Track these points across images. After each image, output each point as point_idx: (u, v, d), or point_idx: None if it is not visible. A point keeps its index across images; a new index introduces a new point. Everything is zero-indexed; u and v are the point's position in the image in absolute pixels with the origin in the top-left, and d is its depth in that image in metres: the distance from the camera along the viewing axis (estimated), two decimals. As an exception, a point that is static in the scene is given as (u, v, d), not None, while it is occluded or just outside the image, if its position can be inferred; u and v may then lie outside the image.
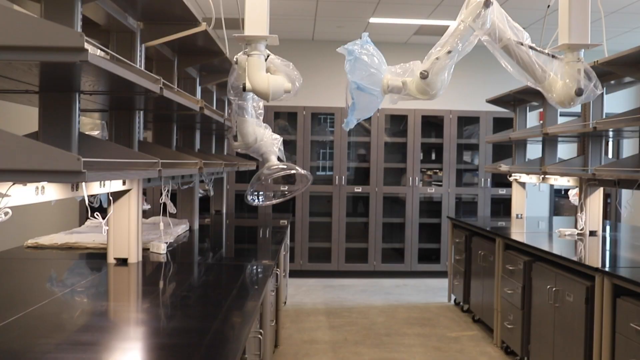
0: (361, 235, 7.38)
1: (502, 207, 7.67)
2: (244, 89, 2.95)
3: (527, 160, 5.59)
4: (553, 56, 3.00)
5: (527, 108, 5.59)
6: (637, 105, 7.66)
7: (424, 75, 2.76)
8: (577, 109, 6.63)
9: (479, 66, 8.03)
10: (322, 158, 7.70)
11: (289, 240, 5.72)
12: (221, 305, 2.26)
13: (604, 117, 4.09)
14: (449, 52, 2.77)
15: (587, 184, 3.98)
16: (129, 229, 2.89)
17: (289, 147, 7.20)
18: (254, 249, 4.15)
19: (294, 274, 6.99)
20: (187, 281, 2.86)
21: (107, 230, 2.85)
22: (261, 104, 3.71)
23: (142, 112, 2.79)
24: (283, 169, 3.56)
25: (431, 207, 7.59)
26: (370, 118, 7.20)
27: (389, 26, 6.96)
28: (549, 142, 4.84)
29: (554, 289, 3.25)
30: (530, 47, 2.96)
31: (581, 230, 4.06)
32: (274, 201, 3.79)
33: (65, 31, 1.40)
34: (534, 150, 5.82)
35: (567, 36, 2.92)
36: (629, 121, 3.28)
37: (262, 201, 3.72)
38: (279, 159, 3.66)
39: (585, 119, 4.09)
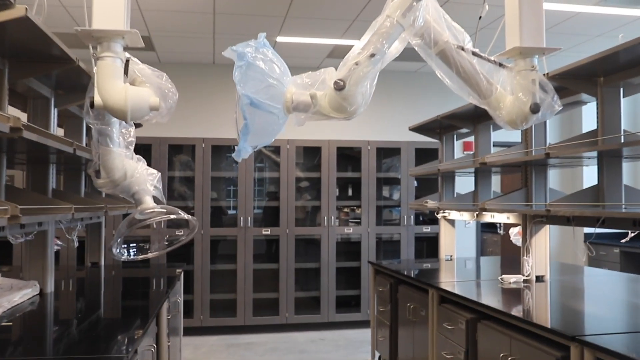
0: (271, 283, 6.60)
1: (425, 245, 7.18)
2: (92, 105, 2.17)
3: (456, 194, 5.08)
4: (500, 64, 2.44)
5: (455, 136, 5.12)
6: (565, 133, 7.47)
7: (339, 86, 2.10)
8: (508, 136, 6.33)
9: (400, 91, 7.64)
10: (227, 196, 6.91)
11: (182, 293, 4.87)
12: None
13: (547, 143, 3.62)
14: (372, 55, 2.13)
15: (533, 222, 3.46)
16: None
17: (191, 184, 6.39)
18: (129, 312, 3.28)
19: (192, 331, 6.12)
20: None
21: None
22: (132, 130, 2.94)
23: None
24: (161, 213, 2.78)
25: (349, 248, 6.95)
26: (279, 150, 6.54)
27: (299, 47, 6.38)
28: (483, 173, 4.34)
29: (509, 358, 2.63)
30: (474, 54, 2.38)
31: (527, 275, 3.52)
32: (150, 255, 2.97)
33: None
34: (461, 184, 5.34)
35: (518, 38, 2.37)
36: (588, 146, 2.78)
37: (134, 255, 2.91)
38: (156, 200, 2.89)
39: (527, 146, 3.59)
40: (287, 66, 2.23)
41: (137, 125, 4.47)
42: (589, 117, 7.10)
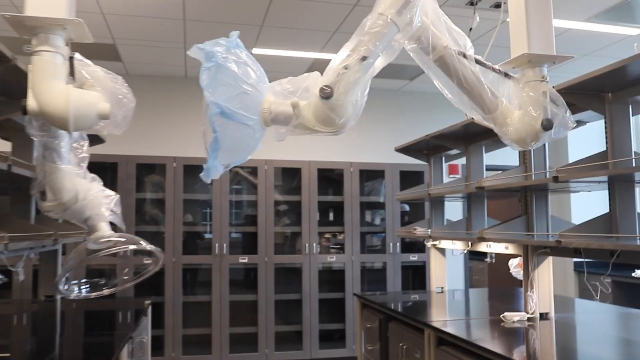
0: (249, 316, 6.22)
1: (412, 274, 6.89)
2: (24, 111, 1.85)
3: (446, 221, 4.81)
4: (506, 74, 2.18)
5: (443, 158, 4.86)
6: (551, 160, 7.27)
7: (326, 93, 1.81)
8: (496, 159, 6.09)
9: (382, 110, 7.42)
10: (203, 220, 6.56)
11: (150, 329, 4.51)
12: None
13: (547, 167, 3.37)
14: (364, 58, 1.85)
15: (537, 253, 3.18)
16: None
17: (163, 207, 6.04)
18: (85, 357, 2.92)
19: (162, 370, 5.72)
20: None
21: None
22: (86, 144, 2.61)
23: None
24: (118, 243, 2.45)
25: (332, 277, 6.63)
26: (256, 171, 6.24)
27: (277, 60, 6.13)
28: (477, 199, 4.08)
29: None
30: (477, 62, 2.13)
31: (532, 313, 3.24)
32: (107, 291, 2.62)
33: None
34: (449, 209, 5.06)
35: (526, 44, 2.12)
36: (599, 169, 2.53)
37: (87, 292, 2.56)
38: (113, 227, 2.56)
39: (526, 169, 3.34)
40: (264, 78, 1.95)
41: (100, 141, 4.17)
42: (575, 140, 6.92)
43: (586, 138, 6.55)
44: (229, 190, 6.25)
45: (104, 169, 6.04)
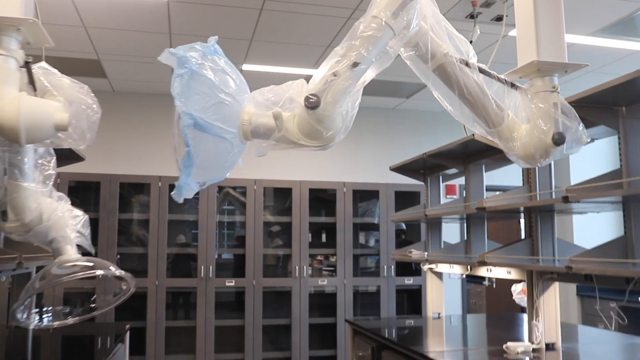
0: (235, 342, 5.97)
1: (407, 297, 6.67)
2: (-32, 122, 1.65)
3: (443, 243, 4.61)
4: (512, 85, 1.99)
5: (440, 177, 4.68)
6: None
7: (312, 103, 1.62)
8: (494, 178, 5.91)
9: (377, 129, 7.24)
10: (188, 242, 6.32)
11: (128, 356, 4.28)
12: None
13: (553, 187, 3.19)
14: (355, 64, 1.67)
15: (543, 279, 2.98)
16: None
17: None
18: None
19: (143, 400, 5.46)
20: None
21: None
22: (53, 161, 2.41)
23: None
24: (85, 269, 2.24)
25: (323, 301, 6.39)
26: (245, 191, 6.03)
27: (267, 77, 5.96)
28: (476, 220, 3.89)
29: None
30: (481, 70, 1.94)
31: (537, 343, 3.02)
32: (71, 320, 2.40)
33: None
34: (446, 230, 4.87)
35: (535, 51, 1.94)
36: (610, 188, 2.34)
37: (49, 321, 2.34)
38: (81, 250, 2.34)
39: (531, 189, 3.15)
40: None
41: (79, 158, 3.97)
42: (577, 158, 6.75)
43: (589, 156, 6.41)
44: (219, 211, 6.05)
45: (83, 190, 5.83)
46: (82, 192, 5.96)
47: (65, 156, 3.81)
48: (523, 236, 3.37)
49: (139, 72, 5.89)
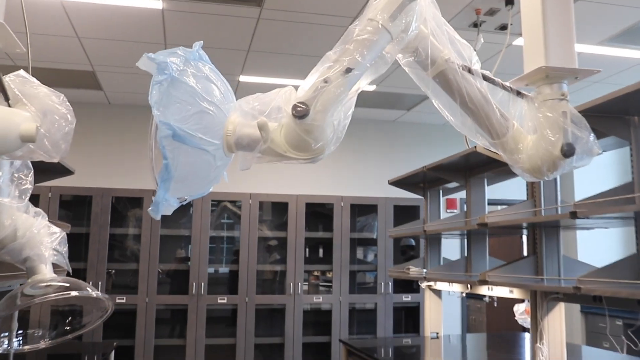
0: (227, 361, 5.82)
1: (404, 315, 6.51)
2: None
3: (442, 259, 4.47)
4: (518, 93, 1.87)
5: (441, 192, 4.55)
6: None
7: (300, 112, 1.49)
8: (494, 193, 5.78)
9: (376, 142, 7.10)
10: (182, 257, 6.17)
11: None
12: None
13: (558, 201, 3.05)
14: (348, 70, 1.54)
15: (548, 299, 2.84)
16: None
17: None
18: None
19: (130, 423, 5.28)
20: None
21: None
22: (31, 175, 2.27)
23: None
24: (59, 289, 2.09)
25: (319, 318, 6.23)
26: (240, 205, 5.89)
27: (266, 89, 5.77)
28: (477, 236, 3.75)
29: None
30: (484, 77, 1.82)
31: (542, 368, 2.88)
32: (43, 344, 2.25)
33: None
34: (445, 246, 4.73)
35: (543, 56, 1.81)
36: (621, 203, 2.21)
37: (19, 345, 2.20)
38: (57, 269, 2.21)
39: (535, 203, 3.02)
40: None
41: (68, 172, 3.84)
42: (581, 171, 6.63)
43: (594, 168, 6.27)
44: (214, 225, 5.92)
45: (80, 203, 5.70)
46: (75, 206, 5.83)
47: (56, 170, 3.69)
48: (526, 253, 3.24)
49: (135, 84, 5.77)
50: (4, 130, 1.52)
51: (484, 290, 3.50)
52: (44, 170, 3.70)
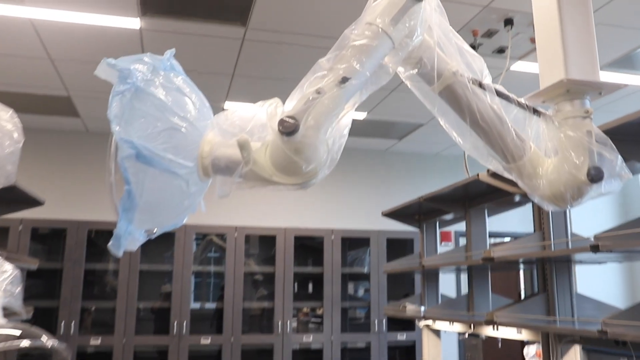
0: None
1: (398, 354, 6.23)
2: None
3: (441, 296, 4.23)
4: (535, 110, 1.66)
5: (437, 224, 4.33)
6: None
7: (288, 127, 1.27)
8: (490, 224, 5.56)
9: (367, 173, 6.89)
10: (164, 295, 5.87)
11: None
12: None
13: (569, 234, 2.84)
14: (344, 80, 1.33)
15: (563, 342, 2.60)
16: None
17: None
18: None
19: None
20: None
21: None
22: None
23: None
24: (8, 338, 1.84)
25: (309, 358, 5.94)
26: (225, 238, 5.64)
27: (251, 117, 5.63)
28: (479, 272, 3.52)
29: None
30: (498, 93, 1.61)
31: (556, 420, 2.63)
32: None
33: None
34: (442, 281, 4.48)
35: (563, 68, 1.60)
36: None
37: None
38: (7, 315, 1.96)
39: (544, 236, 2.80)
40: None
41: (37, 203, 3.59)
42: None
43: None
44: (199, 260, 5.66)
45: (54, 236, 5.43)
46: (50, 240, 5.56)
47: (25, 200, 3.45)
48: (535, 289, 3.01)
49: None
50: None
51: (488, 330, 3.25)
52: (10, 200, 3.46)
